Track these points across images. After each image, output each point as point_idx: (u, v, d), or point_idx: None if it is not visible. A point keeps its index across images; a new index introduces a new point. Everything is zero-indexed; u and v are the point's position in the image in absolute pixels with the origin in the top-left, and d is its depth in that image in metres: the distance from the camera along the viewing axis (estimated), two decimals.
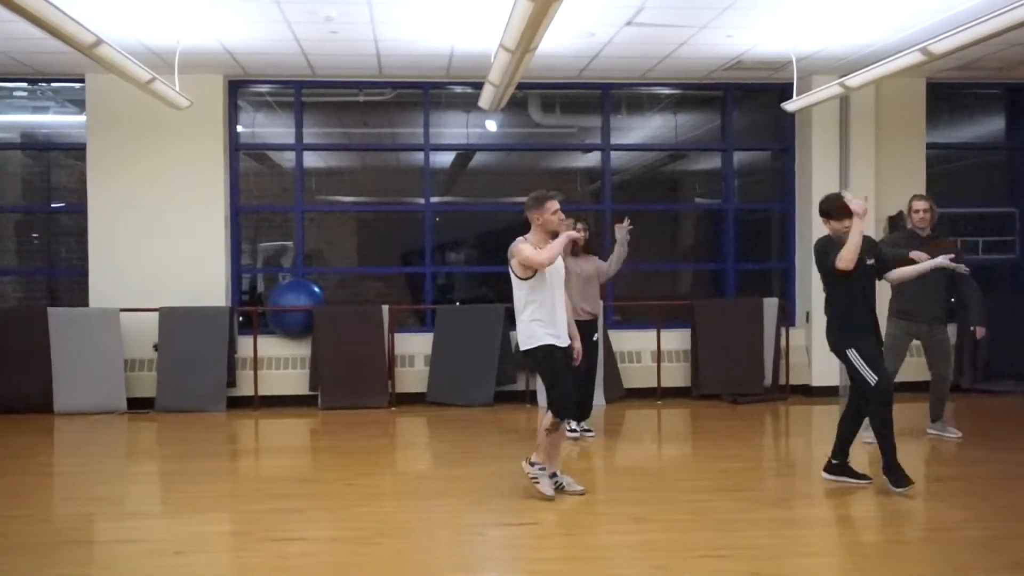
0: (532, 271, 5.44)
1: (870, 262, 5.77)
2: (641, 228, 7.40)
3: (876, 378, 5.64)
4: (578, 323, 6.15)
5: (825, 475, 5.94)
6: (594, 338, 7.21)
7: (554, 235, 5.52)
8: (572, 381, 5.60)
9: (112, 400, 8.81)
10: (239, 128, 9.69)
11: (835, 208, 5.74)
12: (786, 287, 10.01)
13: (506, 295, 7.12)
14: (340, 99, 10.12)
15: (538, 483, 5.55)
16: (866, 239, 5.71)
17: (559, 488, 5.63)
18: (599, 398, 8.95)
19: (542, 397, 7.53)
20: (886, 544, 4.90)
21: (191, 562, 4.65)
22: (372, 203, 11.93)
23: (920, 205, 7.15)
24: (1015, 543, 4.78)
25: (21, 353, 8.76)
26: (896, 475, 5.65)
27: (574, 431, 7.42)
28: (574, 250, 6.95)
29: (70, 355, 8.80)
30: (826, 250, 5.73)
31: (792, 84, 8.63)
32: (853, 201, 5.60)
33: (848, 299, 5.73)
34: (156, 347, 8.96)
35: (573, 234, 5.66)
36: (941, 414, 7.42)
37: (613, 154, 10.03)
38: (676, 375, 9.55)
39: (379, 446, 7.63)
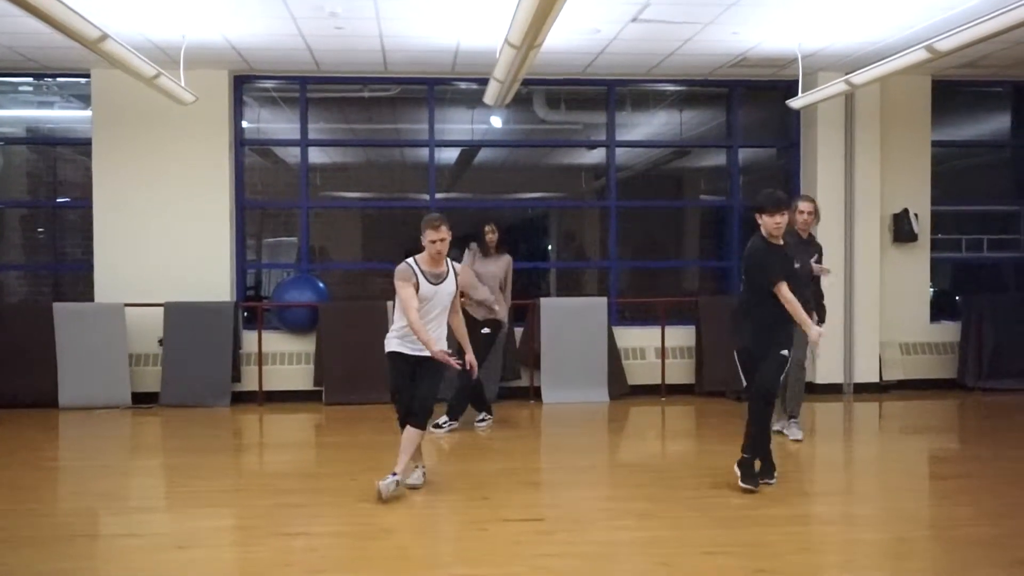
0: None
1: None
2: (646, 225, 7.41)
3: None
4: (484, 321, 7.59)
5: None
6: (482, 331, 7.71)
7: (432, 257, 5.71)
8: (404, 390, 5.85)
9: (117, 394, 8.84)
10: (244, 123, 9.69)
11: (769, 203, 5.64)
12: None
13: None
14: (345, 95, 10.12)
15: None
16: (782, 253, 5.74)
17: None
18: (601, 395, 9.07)
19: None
20: (890, 541, 4.89)
21: (194, 557, 4.66)
22: (377, 199, 11.93)
23: (805, 207, 6.95)
24: (1020, 541, 4.78)
25: (27, 348, 8.78)
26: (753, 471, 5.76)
27: (438, 426, 7.69)
28: (486, 252, 7.75)
29: (75, 350, 8.82)
30: (762, 264, 5.70)
31: (797, 81, 8.61)
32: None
33: (778, 307, 5.74)
34: (161, 342, 8.98)
35: (442, 356, 5.59)
36: (797, 411, 7.21)
37: (618, 150, 10.02)
38: (680, 372, 9.55)
39: (383, 441, 7.60)
